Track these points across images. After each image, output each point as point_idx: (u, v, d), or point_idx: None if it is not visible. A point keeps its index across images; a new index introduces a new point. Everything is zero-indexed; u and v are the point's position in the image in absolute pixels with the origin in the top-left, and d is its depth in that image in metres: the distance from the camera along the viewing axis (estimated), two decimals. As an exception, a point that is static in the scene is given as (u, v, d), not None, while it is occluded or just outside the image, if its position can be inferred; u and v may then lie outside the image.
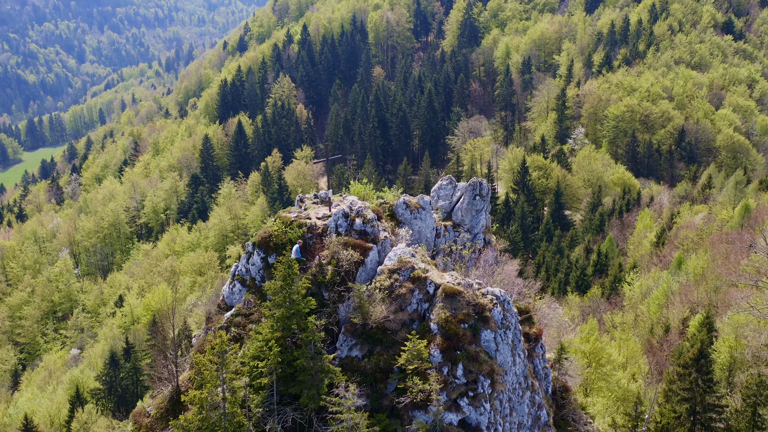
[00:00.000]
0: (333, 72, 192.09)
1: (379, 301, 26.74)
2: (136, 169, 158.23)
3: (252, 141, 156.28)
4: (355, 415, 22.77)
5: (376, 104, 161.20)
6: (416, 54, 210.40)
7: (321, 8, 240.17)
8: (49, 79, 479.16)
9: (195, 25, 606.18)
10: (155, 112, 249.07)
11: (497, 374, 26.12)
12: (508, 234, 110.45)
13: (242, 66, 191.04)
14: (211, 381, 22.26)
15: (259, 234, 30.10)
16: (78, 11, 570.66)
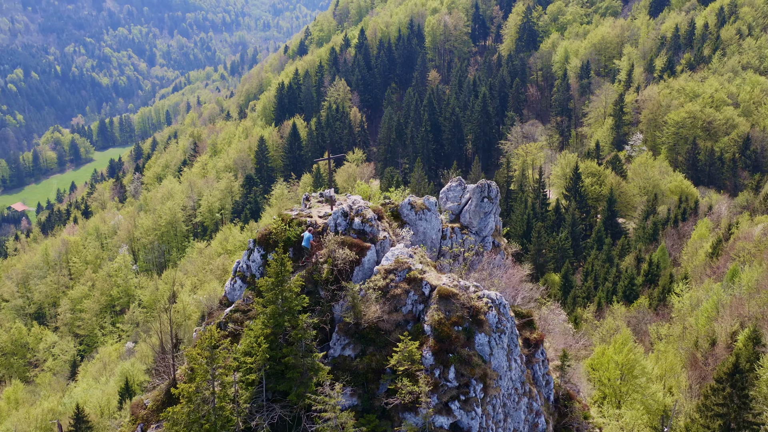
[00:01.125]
0: (388, 76, 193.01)
1: (373, 301, 26.76)
2: (195, 169, 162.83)
3: (305, 143, 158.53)
4: (341, 414, 22.84)
5: (430, 108, 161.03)
6: (473, 58, 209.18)
7: (380, 12, 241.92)
8: (121, 82, 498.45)
9: (260, 30, 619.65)
10: (217, 114, 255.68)
11: (490, 378, 25.73)
12: (557, 240, 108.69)
13: (300, 69, 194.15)
14: (200, 375, 22.76)
15: (259, 231, 30.61)
16: (150, 16, 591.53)
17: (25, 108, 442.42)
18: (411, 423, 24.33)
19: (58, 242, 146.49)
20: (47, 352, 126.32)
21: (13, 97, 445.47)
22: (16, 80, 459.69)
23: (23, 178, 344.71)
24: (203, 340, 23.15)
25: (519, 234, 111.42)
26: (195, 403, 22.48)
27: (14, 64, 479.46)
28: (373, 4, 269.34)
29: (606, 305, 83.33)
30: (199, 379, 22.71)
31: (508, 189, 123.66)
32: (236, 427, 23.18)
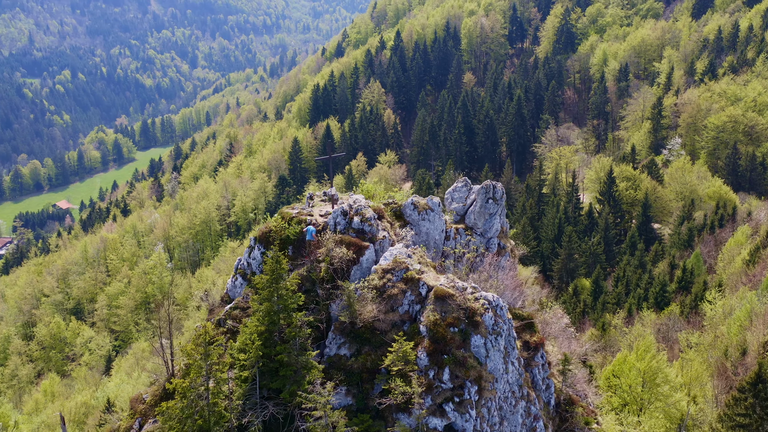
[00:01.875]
0: (423, 78, 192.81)
1: (369, 300, 26.66)
2: (230, 169, 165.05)
3: (339, 144, 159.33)
4: (332, 413, 22.83)
5: (463, 110, 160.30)
6: (509, 60, 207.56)
7: (417, 15, 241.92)
8: (164, 84, 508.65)
9: (300, 32, 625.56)
10: (255, 115, 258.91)
11: (485, 381, 25.43)
12: (589, 245, 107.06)
13: (335, 71, 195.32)
14: (194, 371, 23.01)
15: (260, 229, 30.83)
16: (193, 19, 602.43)
17: (71, 108, 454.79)
18: (404, 424, 24.22)
19: (97, 239, 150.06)
20: (84, 346, 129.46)
21: (60, 98, 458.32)
22: (64, 81, 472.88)
23: (68, 176, 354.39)
24: (197, 336, 23.44)
25: (550, 238, 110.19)
26: (188, 399, 22.75)
27: (62, 66, 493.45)
28: (411, 6, 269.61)
29: (636, 312, 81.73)
30: (193, 374, 22.99)
31: (540, 192, 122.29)
32: (230, 424, 23.39)
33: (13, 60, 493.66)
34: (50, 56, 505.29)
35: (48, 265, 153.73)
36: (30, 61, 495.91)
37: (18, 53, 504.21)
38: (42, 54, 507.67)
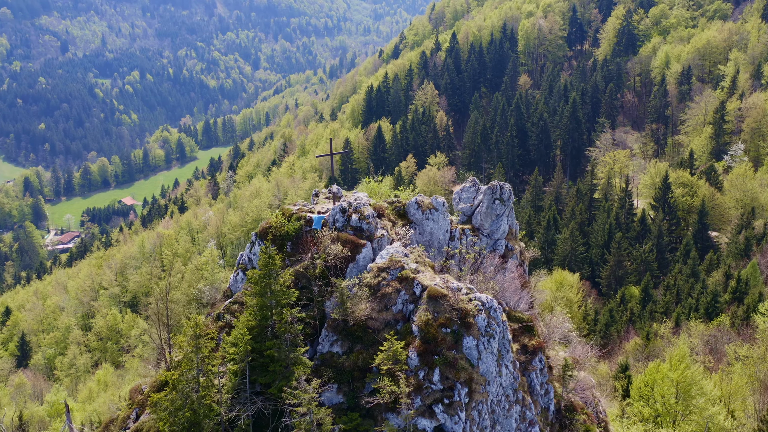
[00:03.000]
0: (478, 80, 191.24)
1: (363, 298, 26.52)
2: (282, 168, 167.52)
3: (390, 146, 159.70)
4: (318, 410, 22.81)
5: (517, 113, 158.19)
6: (568, 62, 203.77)
7: (475, 16, 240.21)
8: (227, 84, 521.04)
9: (360, 35, 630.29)
10: (312, 116, 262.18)
11: (477, 383, 24.93)
12: (641, 252, 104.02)
13: (389, 73, 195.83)
14: (185, 363, 23.37)
15: (261, 225, 31.10)
16: (257, 21, 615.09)
17: (139, 108, 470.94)
18: (393, 424, 24.02)
19: (154, 235, 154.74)
20: (138, 339, 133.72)
21: (129, 98, 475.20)
22: (133, 82, 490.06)
23: (134, 174, 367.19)
24: (189, 329, 23.84)
25: (599, 244, 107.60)
26: (178, 391, 23.13)
27: (132, 67, 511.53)
28: (470, 8, 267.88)
29: (684, 322, 78.92)
30: (183, 367, 23.38)
31: (591, 197, 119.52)
32: (220, 417, 23.68)
33: (87, 61, 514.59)
34: (121, 57, 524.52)
35: (108, 259, 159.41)
36: (102, 63, 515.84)
37: (91, 54, 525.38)
38: (113, 55, 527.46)
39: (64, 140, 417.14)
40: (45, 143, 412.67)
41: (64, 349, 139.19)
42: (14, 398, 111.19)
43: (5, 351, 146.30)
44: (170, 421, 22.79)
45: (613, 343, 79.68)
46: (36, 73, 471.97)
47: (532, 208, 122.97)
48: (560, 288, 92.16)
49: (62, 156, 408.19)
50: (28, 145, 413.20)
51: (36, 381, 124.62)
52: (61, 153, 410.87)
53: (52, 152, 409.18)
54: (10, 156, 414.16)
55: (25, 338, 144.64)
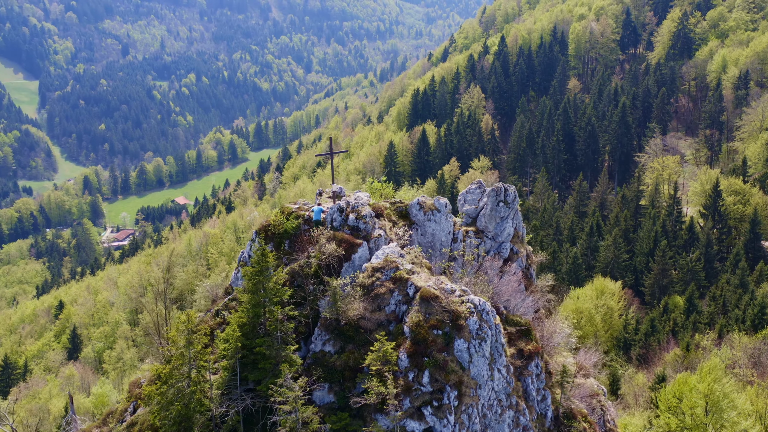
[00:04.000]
0: (526, 83, 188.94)
1: (357, 298, 26.34)
2: (326, 170, 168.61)
3: (434, 149, 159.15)
4: (304, 408, 22.76)
5: (564, 117, 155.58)
6: (620, 66, 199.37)
7: (527, 19, 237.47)
8: (280, 87, 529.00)
9: (412, 38, 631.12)
10: (360, 119, 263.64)
11: (467, 386, 24.45)
12: (687, 261, 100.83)
13: (436, 76, 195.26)
14: (176, 357, 23.65)
15: (261, 222, 31.26)
16: (310, 25, 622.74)
17: (194, 110, 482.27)
18: (381, 425, 23.80)
19: (201, 234, 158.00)
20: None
21: (185, 100, 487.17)
22: (189, 84, 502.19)
23: (187, 174, 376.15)
24: (181, 324, 24.13)
25: (644, 252, 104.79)
26: (170, 385, 23.43)
27: (188, 70, 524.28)
28: (521, 10, 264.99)
29: (728, 334, 76.10)
30: (174, 361, 23.67)
31: (638, 204, 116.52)
32: (211, 413, 23.89)
33: (146, 64, 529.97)
34: (178, 60, 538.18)
35: (156, 257, 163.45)
36: (160, 65, 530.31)
37: (150, 57, 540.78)
38: (171, 58, 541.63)
39: (122, 140, 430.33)
40: (104, 143, 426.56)
41: (112, 343, 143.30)
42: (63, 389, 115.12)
43: (58, 343, 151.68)
44: (161, 415, 23.16)
45: (652, 354, 77.43)
46: (98, 76, 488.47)
47: (576, 214, 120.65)
48: (600, 296, 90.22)
49: (120, 156, 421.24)
50: (88, 144, 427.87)
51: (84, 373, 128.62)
52: (119, 153, 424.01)
53: (111, 152, 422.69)
54: (72, 155, 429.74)
55: (77, 331, 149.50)
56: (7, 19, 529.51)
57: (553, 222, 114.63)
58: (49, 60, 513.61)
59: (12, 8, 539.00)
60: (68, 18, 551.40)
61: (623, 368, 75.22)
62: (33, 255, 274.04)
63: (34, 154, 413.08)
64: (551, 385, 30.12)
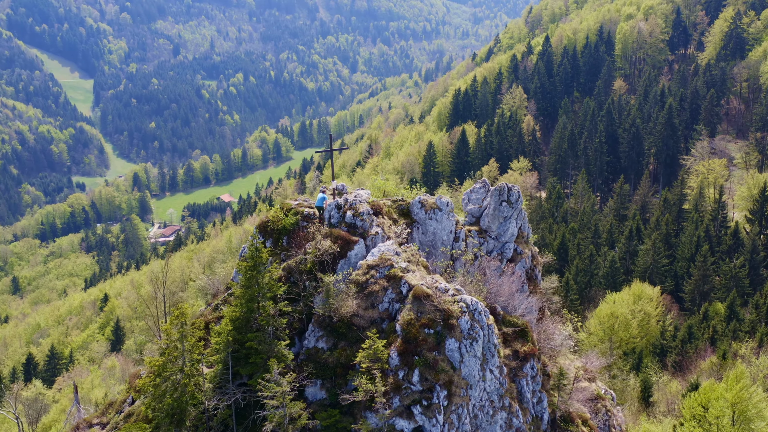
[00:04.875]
0: (570, 84, 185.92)
1: (351, 295, 26.17)
2: (366, 170, 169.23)
3: (473, 150, 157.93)
4: (292, 404, 22.72)
5: (607, 118, 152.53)
6: (668, 67, 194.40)
7: (574, 19, 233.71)
8: (325, 87, 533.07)
9: (458, 38, 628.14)
10: (402, 118, 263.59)
11: (457, 386, 24.02)
12: (730, 268, 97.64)
13: (478, 76, 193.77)
14: (169, 350, 23.89)
15: (261, 218, 31.32)
16: (357, 25, 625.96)
17: (241, 109, 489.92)
18: (370, 423, 23.61)
19: (241, 231, 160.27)
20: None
21: (232, 99, 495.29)
22: (237, 84, 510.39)
23: (233, 172, 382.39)
24: (175, 317, 24.39)
25: (686, 257, 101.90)
26: (162, 377, 23.71)
27: (236, 69, 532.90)
28: (568, 10, 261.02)
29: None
30: (167, 354, 23.93)
31: (680, 208, 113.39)
32: (204, 406, 24.07)
33: (196, 64, 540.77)
34: (227, 60, 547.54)
35: (198, 252, 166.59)
36: (209, 65, 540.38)
37: (200, 57, 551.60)
38: (220, 58, 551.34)
39: (171, 138, 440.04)
40: (154, 141, 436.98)
41: (153, 336, 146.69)
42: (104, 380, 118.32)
43: (102, 335, 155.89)
44: (154, 406, 23.48)
45: (688, 361, 75.25)
46: (149, 75, 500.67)
47: (615, 217, 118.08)
48: (637, 301, 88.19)
49: (169, 153, 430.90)
50: (139, 142, 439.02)
51: (125, 365, 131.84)
52: (168, 150, 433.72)
53: (160, 149, 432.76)
54: (123, 152, 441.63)
55: (120, 324, 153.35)
56: (66, 20, 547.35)
57: (592, 225, 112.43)
58: (103, 59, 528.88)
59: (70, 9, 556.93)
60: (123, 19, 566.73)
61: (657, 375, 73.29)
62: (83, 249, 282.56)
63: (87, 151, 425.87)
64: (549, 387, 29.49)
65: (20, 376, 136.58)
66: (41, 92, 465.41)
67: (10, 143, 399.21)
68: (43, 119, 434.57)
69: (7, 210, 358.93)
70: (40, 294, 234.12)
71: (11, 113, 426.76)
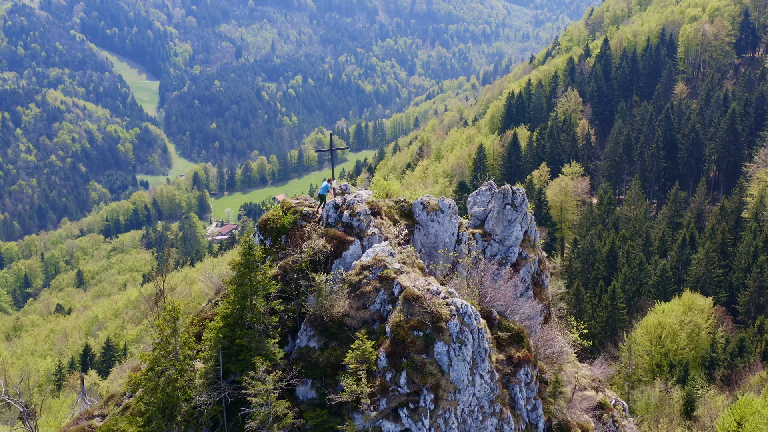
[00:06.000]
0: (628, 88, 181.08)
1: (343, 295, 25.89)
2: (416, 172, 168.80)
3: (524, 154, 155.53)
4: (278, 402, 22.63)
5: (666, 123, 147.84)
6: (734, 70, 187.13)
7: (636, 21, 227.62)
8: (382, 90, 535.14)
9: (518, 41, 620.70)
10: (456, 121, 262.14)
11: (444, 390, 23.42)
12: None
13: (533, 79, 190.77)
14: (160, 345, 24.14)
15: (261, 217, 31.35)
16: (416, 28, 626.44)
17: (299, 111, 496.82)
18: (357, 424, 23.32)
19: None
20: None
21: (291, 101, 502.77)
22: (296, 86, 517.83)
23: (289, 173, 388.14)
24: (167, 312, 24.66)
25: (742, 267, 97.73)
26: (154, 371, 24.00)
27: (296, 72, 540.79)
28: (630, 12, 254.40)
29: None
30: (159, 349, 24.20)
31: (738, 216, 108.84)
32: (195, 402, 24.23)
33: (257, 66, 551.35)
34: (287, 63, 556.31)
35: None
36: (270, 67, 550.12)
37: (261, 60, 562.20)
38: (280, 61, 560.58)
39: (231, 139, 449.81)
40: (215, 141, 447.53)
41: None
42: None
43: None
44: (147, 400, 23.81)
45: (737, 376, 72.04)
46: (212, 77, 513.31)
47: (669, 225, 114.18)
48: (688, 312, 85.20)
49: (229, 153, 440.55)
50: (200, 142, 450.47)
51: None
52: (228, 150, 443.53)
53: (220, 150, 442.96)
54: (185, 152, 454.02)
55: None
56: (135, 23, 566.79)
57: (643, 232, 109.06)
58: (169, 62, 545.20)
59: (139, 13, 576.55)
60: (188, 22, 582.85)
61: (704, 389, 70.47)
62: (144, 245, 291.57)
63: (151, 150, 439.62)
64: (545, 395, 28.59)
65: (78, 366, 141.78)
66: (110, 93, 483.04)
67: (80, 142, 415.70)
68: (111, 119, 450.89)
69: (75, 206, 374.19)
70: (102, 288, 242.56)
71: (82, 113, 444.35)
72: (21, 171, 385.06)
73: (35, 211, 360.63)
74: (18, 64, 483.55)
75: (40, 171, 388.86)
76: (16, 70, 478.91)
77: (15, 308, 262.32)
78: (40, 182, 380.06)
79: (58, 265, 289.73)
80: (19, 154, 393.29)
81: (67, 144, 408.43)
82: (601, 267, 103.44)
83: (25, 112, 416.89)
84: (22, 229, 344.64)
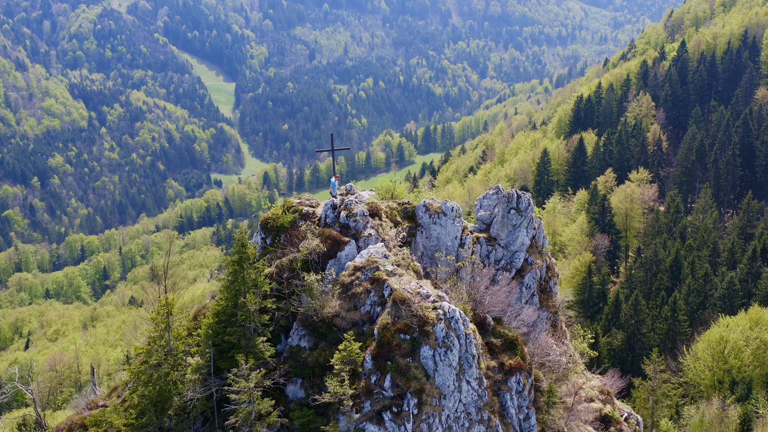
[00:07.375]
0: (705, 92, 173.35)
1: (335, 296, 25.49)
2: (478, 176, 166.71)
3: (591, 159, 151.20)
4: (262, 400, 22.48)
5: (744, 129, 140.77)
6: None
7: (718, 23, 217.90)
8: (453, 92, 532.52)
9: (596, 44, 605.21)
10: (525, 125, 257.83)
11: (428, 395, 22.68)
12: None
13: (604, 83, 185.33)
14: (153, 340, 24.41)
15: (263, 216, 31.27)
16: (489, 31, 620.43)
17: (369, 113, 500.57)
18: (341, 425, 22.97)
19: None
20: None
21: (361, 103, 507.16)
22: (366, 88, 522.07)
23: (356, 174, 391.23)
24: (160, 307, 24.96)
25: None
26: (147, 365, 24.34)
27: (367, 74, 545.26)
28: (713, 13, 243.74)
29: None
30: (151, 343, 24.52)
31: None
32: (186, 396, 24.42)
33: (329, 68, 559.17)
34: (359, 65, 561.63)
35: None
36: (342, 70, 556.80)
37: (333, 62, 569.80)
38: (352, 63, 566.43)
39: (302, 140, 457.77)
40: (286, 142, 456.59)
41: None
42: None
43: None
44: (139, 393, 24.21)
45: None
46: (286, 79, 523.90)
47: (740, 236, 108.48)
48: (754, 327, 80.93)
49: (299, 154, 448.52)
50: (272, 143, 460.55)
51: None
52: (298, 151, 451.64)
53: (291, 150, 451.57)
54: (257, 152, 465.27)
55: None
56: (214, 27, 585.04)
57: (711, 242, 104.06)
58: (245, 64, 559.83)
59: (219, 17, 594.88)
60: (265, 25, 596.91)
61: (765, 408, 66.66)
62: (214, 242, 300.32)
63: (225, 150, 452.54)
64: (540, 404, 27.40)
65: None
66: (189, 94, 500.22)
67: (159, 141, 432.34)
68: (189, 119, 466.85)
69: (153, 203, 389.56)
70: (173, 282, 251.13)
71: (162, 113, 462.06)
72: (104, 168, 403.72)
73: (116, 207, 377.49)
74: (105, 66, 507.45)
75: (122, 168, 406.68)
76: (103, 71, 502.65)
77: (93, 299, 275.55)
78: (121, 179, 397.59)
79: (134, 259, 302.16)
80: (103, 152, 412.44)
81: (147, 143, 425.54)
82: (664, 277, 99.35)
83: (110, 112, 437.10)
84: (104, 223, 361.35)
